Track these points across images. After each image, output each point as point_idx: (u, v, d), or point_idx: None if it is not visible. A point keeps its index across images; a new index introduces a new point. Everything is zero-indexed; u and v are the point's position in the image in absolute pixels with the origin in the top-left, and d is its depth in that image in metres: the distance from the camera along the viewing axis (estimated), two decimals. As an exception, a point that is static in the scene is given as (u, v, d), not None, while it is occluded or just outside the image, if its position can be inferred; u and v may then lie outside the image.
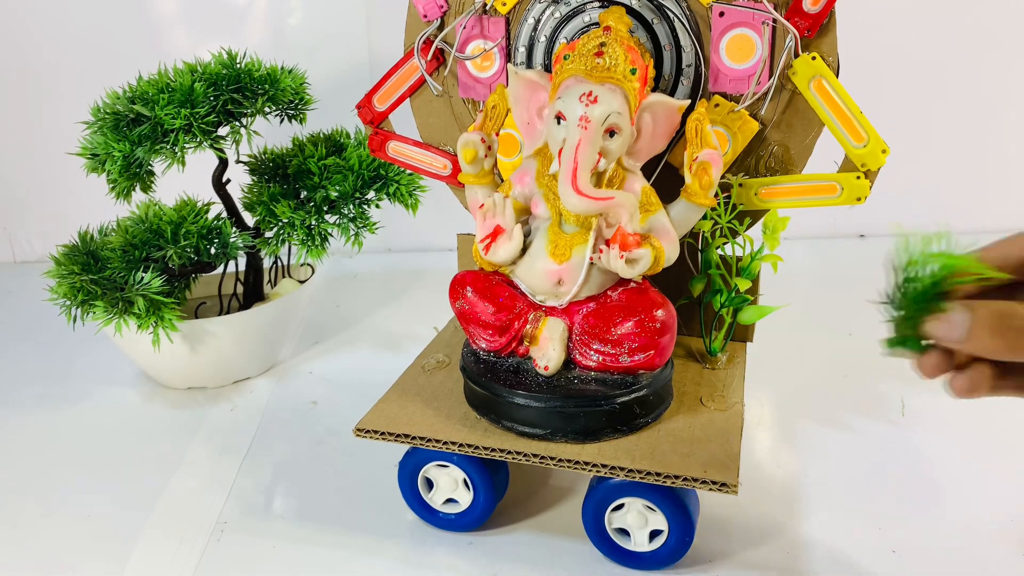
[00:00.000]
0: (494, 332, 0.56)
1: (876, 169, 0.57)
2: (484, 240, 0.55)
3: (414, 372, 0.64)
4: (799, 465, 0.66)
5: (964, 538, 0.57)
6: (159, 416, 0.78)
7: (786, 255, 0.60)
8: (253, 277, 0.85)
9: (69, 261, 0.76)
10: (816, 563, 0.55)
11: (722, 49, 0.58)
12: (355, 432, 0.57)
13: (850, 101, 0.56)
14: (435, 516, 0.59)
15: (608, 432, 0.54)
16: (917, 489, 0.62)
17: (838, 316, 0.93)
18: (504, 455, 0.53)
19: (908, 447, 0.67)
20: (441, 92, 0.66)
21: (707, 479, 0.49)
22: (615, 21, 0.54)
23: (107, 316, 0.73)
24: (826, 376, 0.79)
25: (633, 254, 0.51)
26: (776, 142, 0.59)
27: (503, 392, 0.55)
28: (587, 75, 0.52)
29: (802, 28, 0.55)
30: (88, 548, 0.60)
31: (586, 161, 0.50)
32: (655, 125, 0.54)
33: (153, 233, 0.75)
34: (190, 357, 0.79)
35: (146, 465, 0.70)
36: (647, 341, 0.53)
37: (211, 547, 0.59)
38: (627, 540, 0.55)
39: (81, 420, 0.78)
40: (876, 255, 1.25)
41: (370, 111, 0.67)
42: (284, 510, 0.63)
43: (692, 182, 0.54)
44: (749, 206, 0.60)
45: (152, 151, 0.76)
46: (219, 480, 0.67)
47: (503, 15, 0.62)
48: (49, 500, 0.65)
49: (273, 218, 0.81)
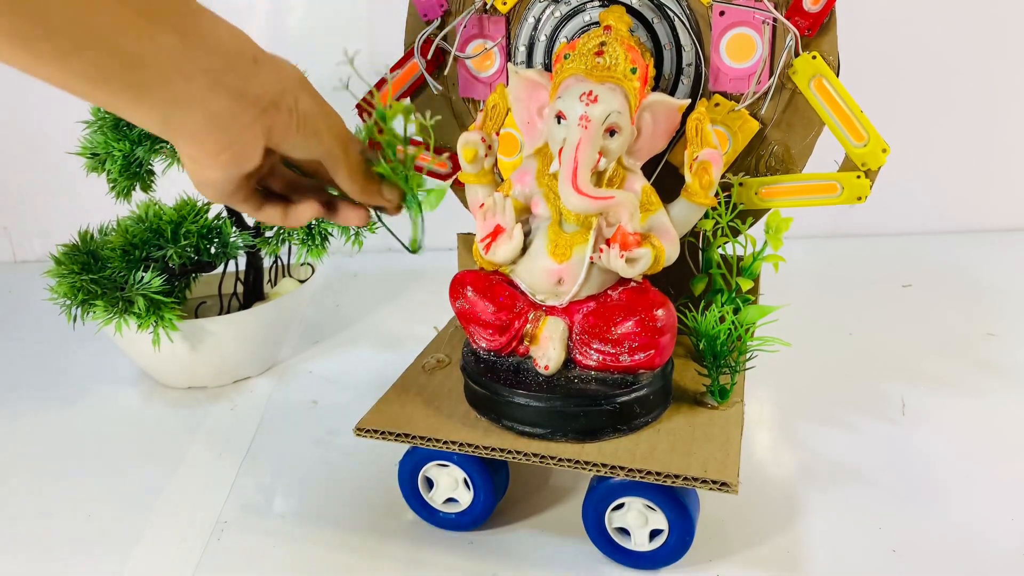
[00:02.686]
0: (494, 331, 0.56)
1: (876, 168, 0.57)
2: (484, 239, 0.55)
3: (414, 372, 0.64)
4: (799, 465, 0.65)
5: (964, 538, 0.57)
6: (159, 416, 0.78)
7: (786, 255, 0.60)
8: (253, 277, 0.85)
9: (69, 261, 0.76)
10: (816, 563, 0.55)
11: (722, 48, 0.58)
12: (355, 432, 0.57)
13: (850, 100, 0.56)
14: (435, 516, 0.59)
15: (608, 432, 0.54)
16: (917, 489, 0.62)
17: (838, 316, 0.93)
18: (504, 455, 0.53)
19: (908, 447, 0.67)
20: (441, 91, 0.66)
21: (707, 479, 0.49)
22: (615, 20, 0.54)
23: (107, 316, 0.73)
24: (826, 376, 0.79)
25: (633, 253, 0.51)
26: (776, 141, 0.59)
27: (503, 391, 0.55)
28: (587, 74, 0.52)
29: (802, 27, 0.55)
30: (88, 548, 0.59)
31: (586, 160, 0.50)
32: (655, 124, 0.54)
33: (153, 233, 0.75)
34: (190, 357, 0.79)
35: (146, 465, 0.70)
36: (647, 340, 0.53)
37: (211, 547, 0.59)
38: (627, 539, 0.55)
39: (81, 420, 0.78)
40: (876, 255, 1.26)
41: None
42: (284, 510, 0.63)
43: (692, 181, 0.54)
44: (749, 205, 0.60)
45: (152, 150, 0.76)
46: (219, 480, 0.67)
47: (503, 14, 0.62)
48: (49, 500, 0.65)
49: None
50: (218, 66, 0.42)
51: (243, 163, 0.46)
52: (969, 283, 1.01)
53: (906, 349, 0.84)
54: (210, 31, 0.42)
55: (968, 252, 1.11)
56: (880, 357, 0.83)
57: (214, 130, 0.43)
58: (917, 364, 0.81)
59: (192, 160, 0.46)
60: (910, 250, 1.14)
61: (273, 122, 0.45)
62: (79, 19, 0.37)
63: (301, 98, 0.47)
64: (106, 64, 0.39)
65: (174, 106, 0.42)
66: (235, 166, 0.46)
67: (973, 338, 0.86)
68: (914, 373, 0.79)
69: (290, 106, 0.46)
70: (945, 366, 0.80)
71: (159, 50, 0.40)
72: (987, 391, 0.75)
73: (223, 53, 0.43)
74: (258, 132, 0.45)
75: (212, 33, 0.42)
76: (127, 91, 0.40)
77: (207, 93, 0.42)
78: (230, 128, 0.44)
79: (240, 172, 0.47)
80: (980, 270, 1.05)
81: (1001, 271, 1.04)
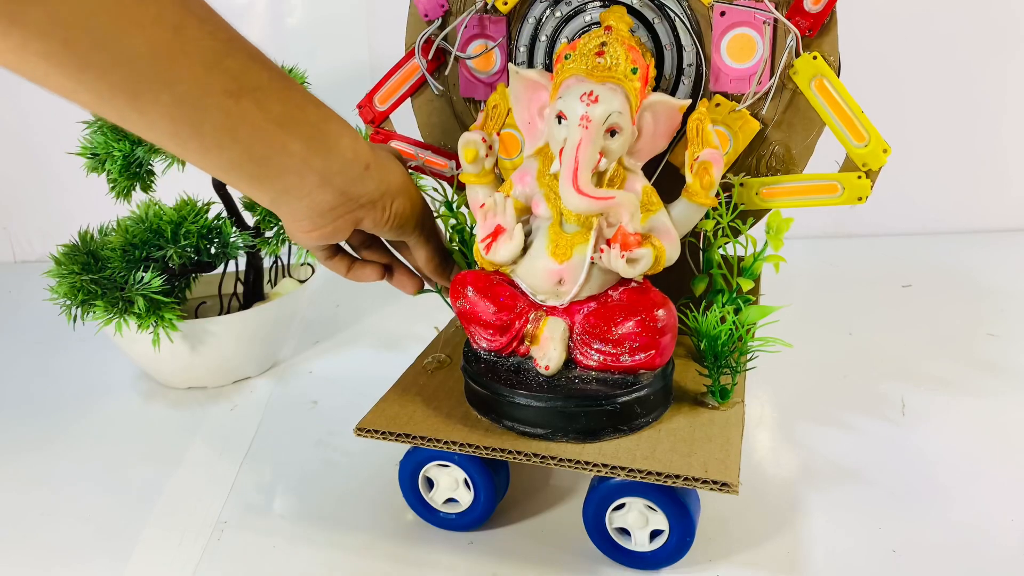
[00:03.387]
0: (495, 331, 0.56)
1: (877, 169, 0.57)
2: (485, 240, 0.55)
3: (414, 372, 0.64)
4: (799, 465, 0.66)
5: (964, 538, 0.57)
6: (159, 416, 0.78)
7: (787, 255, 0.60)
8: (253, 277, 0.85)
9: (69, 261, 0.76)
10: (816, 563, 0.55)
11: (723, 48, 0.58)
12: (355, 432, 0.57)
13: (851, 100, 0.56)
14: (435, 516, 0.59)
15: (609, 432, 0.54)
16: (917, 489, 0.62)
17: (838, 316, 0.93)
18: (505, 455, 0.53)
19: (908, 447, 0.67)
20: (442, 91, 0.66)
21: (707, 479, 0.49)
22: (616, 20, 0.54)
23: (107, 316, 0.73)
24: (826, 376, 0.79)
25: (634, 254, 0.51)
26: (777, 142, 0.59)
27: (504, 392, 0.55)
28: (588, 74, 0.52)
29: (803, 27, 0.55)
30: (88, 548, 0.59)
31: (587, 161, 0.50)
32: (656, 125, 0.54)
33: (153, 233, 0.75)
34: (190, 357, 0.79)
35: (146, 465, 0.70)
36: (648, 341, 0.53)
37: (211, 547, 0.59)
38: (628, 540, 0.55)
39: (81, 420, 0.78)
40: (876, 255, 1.26)
41: (371, 111, 0.67)
42: (284, 510, 0.63)
43: (693, 182, 0.54)
44: (750, 206, 0.60)
45: (152, 150, 0.76)
46: (219, 480, 0.67)
47: (504, 14, 0.62)
48: (49, 500, 0.65)
49: (273, 217, 0.81)
50: (333, 169, 0.50)
51: (330, 241, 0.56)
52: (969, 283, 1.01)
53: (906, 349, 0.84)
54: (335, 140, 0.50)
55: (968, 252, 1.11)
56: (880, 357, 0.83)
57: (313, 216, 0.52)
58: (917, 364, 0.81)
59: (287, 227, 0.55)
60: (910, 250, 1.14)
61: (367, 215, 0.54)
62: (226, 126, 0.44)
63: (398, 201, 0.55)
64: (237, 161, 0.47)
65: (284, 194, 0.50)
66: (322, 241, 0.55)
67: (973, 338, 0.86)
68: (914, 373, 0.79)
69: (385, 206, 0.55)
70: (945, 366, 0.80)
71: (285, 154, 0.48)
72: (987, 391, 0.75)
73: (339, 159, 0.50)
74: (350, 221, 0.54)
75: (336, 142, 0.50)
76: (251, 181, 0.49)
77: (315, 189, 0.50)
78: (326, 216, 0.52)
79: (325, 244, 0.58)
80: (980, 270, 1.05)
81: (1001, 271, 1.04)
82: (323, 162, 0.49)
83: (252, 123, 0.45)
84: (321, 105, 0.50)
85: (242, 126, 0.45)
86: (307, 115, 0.49)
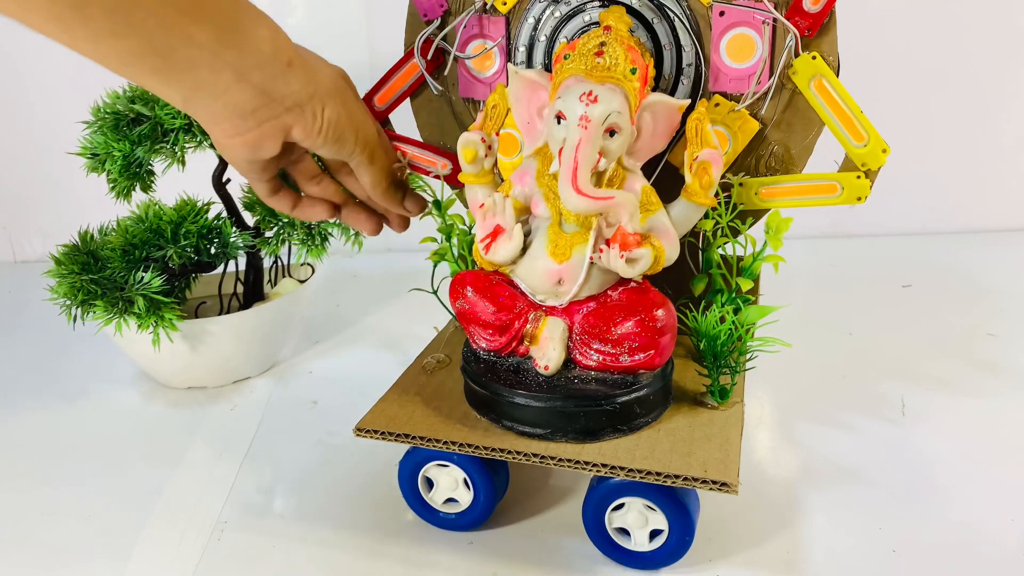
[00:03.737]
0: (494, 332, 0.56)
1: (876, 169, 0.57)
2: (484, 240, 0.55)
3: (414, 372, 0.64)
4: (799, 465, 0.66)
5: (964, 538, 0.57)
6: (159, 416, 0.78)
7: (786, 255, 0.60)
8: (253, 277, 0.85)
9: (69, 261, 0.76)
10: (816, 563, 0.55)
11: (722, 48, 0.58)
12: (355, 432, 0.57)
13: (850, 100, 0.56)
14: (435, 516, 0.59)
15: (608, 432, 0.54)
16: (917, 489, 0.62)
17: (838, 316, 0.93)
18: (504, 455, 0.53)
19: (908, 447, 0.67)
20: (441, 92, 0.66)
21: (707, 479, 0.49)
22: (615, 20, 0.54)
23: (107, 316, 0.73)
24: (826, 376, 0.79)
25: (633, 254, 0.51)
26: (776, 141, 0.59)
27: (503, 392, 0.55)
28: (587, 75, 0.52)
29: (802, 27, 0.55)
30: (88, 548, 0.59)
31: (586, 161, 0.50)
32: (655, 124, 0.54)
33: (153, 233, 0.75)
34: (190, 357, 0.79)
35: (146, 465, 0.70)
36: (647, 341, 0.53)
37: (211, 547, 0.59)
38: (627, 540, 0.55)
39: (81, 419, 0.78)
40: (876, 255, 1.26)
41: (370, 110, 0.67)
42: (284, 510, 0.63)
43: (692, 181, 0.54)
44: (749, 206, 0.60)
45: (152, 151, 0.76)
46: (219, 480, 0.67)
47: (503, 14, 0.62)
48: (49, 500, 0.65)
49: (273, 217, 0.81)
50: (248, 63, 0.46)
51: (256, 151, 0.50)
52: (969, 283, 1.01)
53: (906, 349, 0.84)
54: (249, 30, 0.46)
55: (968, 252, 1.11)
56: (880, 357, 0.83)
57: (231, 116, 0.48)
58: (917, 364, 0.81)
59: (210, 133, 0.50)
60: (910, 250, 1.14)
61: (294, 122, 0.50)
62: (118, 10, 0.41)
63: (330, 107, 0.51)
64: (136, 51, 0.43)
65: (196, 91, 0.46)
66: (248, 151, 0.50)
67: (973, 338, 0.86)
68: (914, 373, 0.79)
69: (315, 111, 0.50)
70: (945, 366, 0.80)
71: (191, 44, 0.43)
72: (987, 391, 0.75)
73: (256, 53, 0.46)
74: (278, 128, 0.49)
75: (251, 33, 0.46)
76: (155, 75, 0.44)
77: (231, 86, 0.46)
78: (247, 119, 0.48)
79: (254, 158, 0.52)
80: (980, 270, 1.05)
81: (1001, 271, 1.04)
82: (237, 55, 0.45)
83: (148, 7, 0.41)
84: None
85: (136, 10, 0.41)
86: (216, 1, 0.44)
